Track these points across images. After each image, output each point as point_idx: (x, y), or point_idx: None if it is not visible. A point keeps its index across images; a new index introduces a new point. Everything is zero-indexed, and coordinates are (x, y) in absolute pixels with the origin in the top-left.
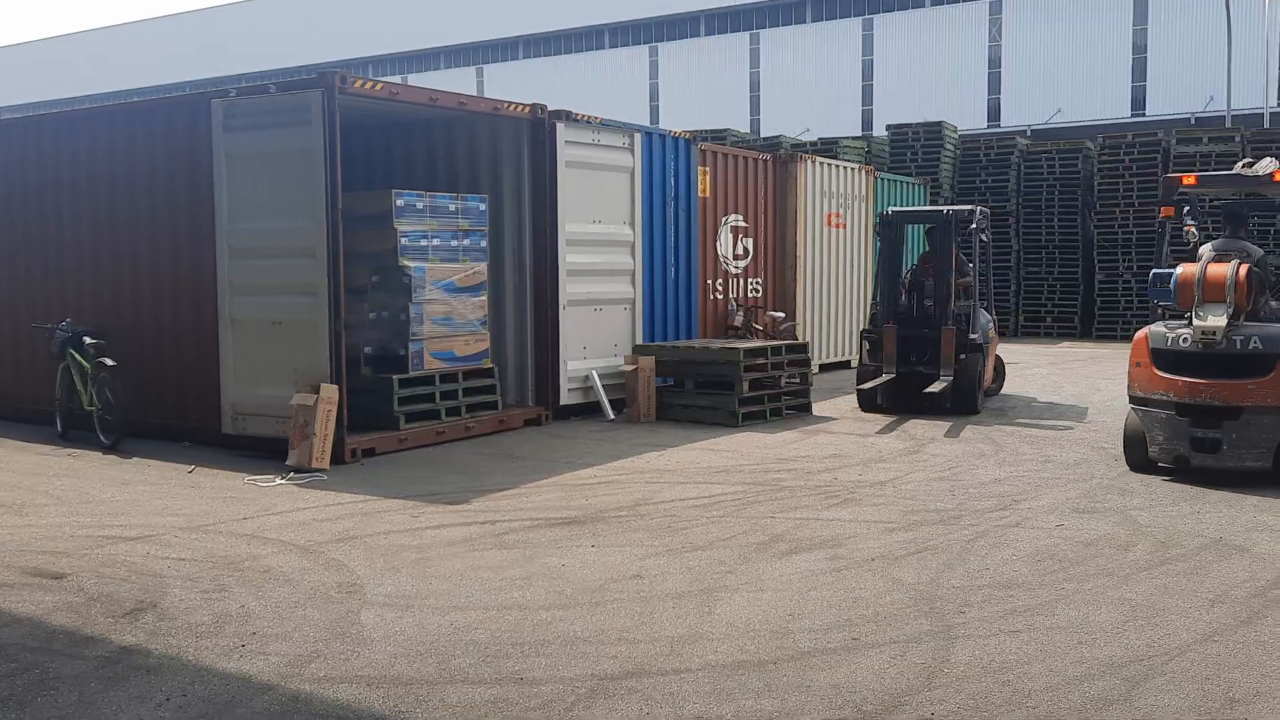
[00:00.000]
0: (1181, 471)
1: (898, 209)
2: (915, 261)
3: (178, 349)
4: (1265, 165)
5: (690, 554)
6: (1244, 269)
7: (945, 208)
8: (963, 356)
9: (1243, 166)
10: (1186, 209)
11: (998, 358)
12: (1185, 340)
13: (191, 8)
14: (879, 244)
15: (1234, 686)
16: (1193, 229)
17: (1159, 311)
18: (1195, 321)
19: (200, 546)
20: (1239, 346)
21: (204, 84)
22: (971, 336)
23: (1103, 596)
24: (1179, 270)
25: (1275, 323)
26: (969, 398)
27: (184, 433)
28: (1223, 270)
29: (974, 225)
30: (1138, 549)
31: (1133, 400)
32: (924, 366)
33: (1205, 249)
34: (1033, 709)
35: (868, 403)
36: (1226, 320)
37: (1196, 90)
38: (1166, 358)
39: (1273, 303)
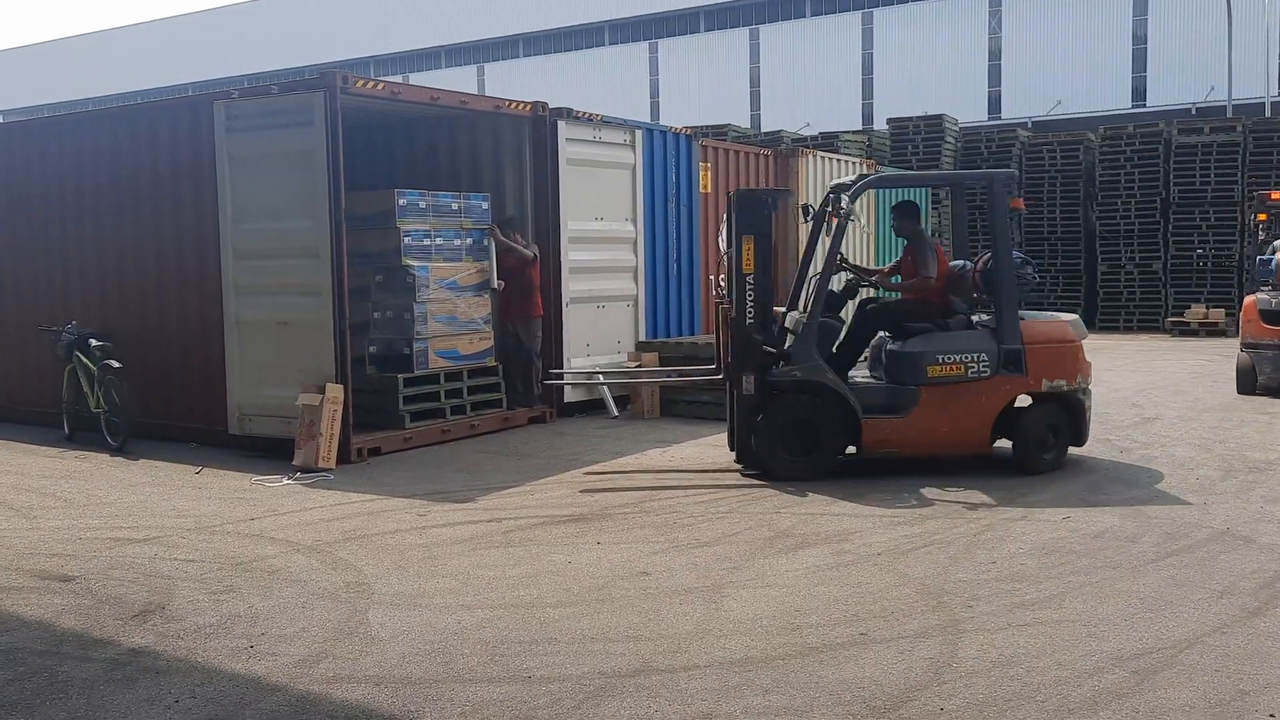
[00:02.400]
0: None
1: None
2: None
3: (183, 350)
4: None
5: (697, 550)
6: None
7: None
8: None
9: None
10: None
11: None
12: None
13: (193, 9)
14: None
15: (1244, 678)
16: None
17: (1260, 285)
18: None
19: (208, 547)
20: None
21: (206, 85)
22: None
23: (1110, 589)
24: (1278, 257)
25: None
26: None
27: (190, 434)
28: None
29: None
30: (1145, 541)
31: (1245, 346)
32: None
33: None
34: (1042, 703)
35: None
36: None
37: (1197, 80)
38: (1270, 315)
39: None
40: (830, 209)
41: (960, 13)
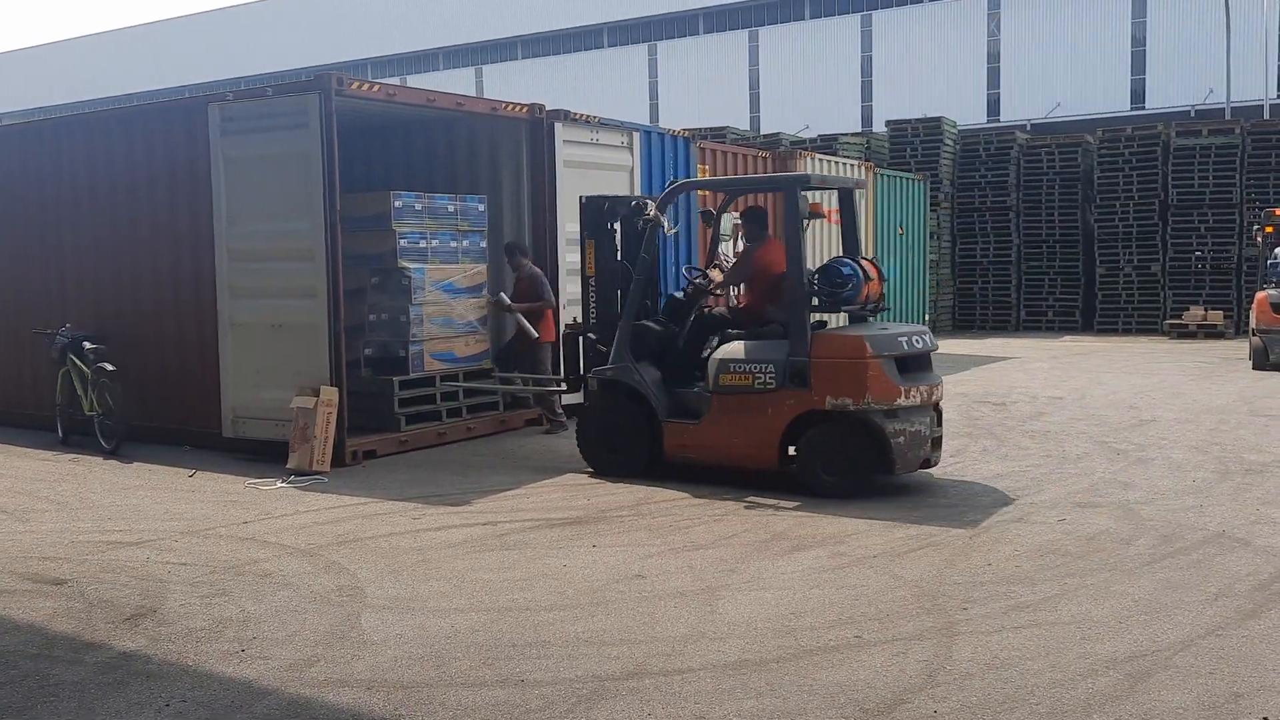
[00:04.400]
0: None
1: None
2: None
3: (178, 353)
4: None
5: (692, 553)
6: None
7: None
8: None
9: None
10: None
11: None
12: None
13: (188, 11)
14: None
15: (1238, 681)
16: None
17: (1270, 283)
18: None
19: (200, 551)
20: None
21: (201, 88)
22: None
23: (1105, 592)
24: None
25: None
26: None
27: (184, 437)
28: None
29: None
30: (1140, 543)
31: (1258, 331)
32: None
33: None
34: (1035, 706)
35: None
36: None
37: (1196, 83)
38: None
39: None
40: (647, 215)
41: (959, 16)
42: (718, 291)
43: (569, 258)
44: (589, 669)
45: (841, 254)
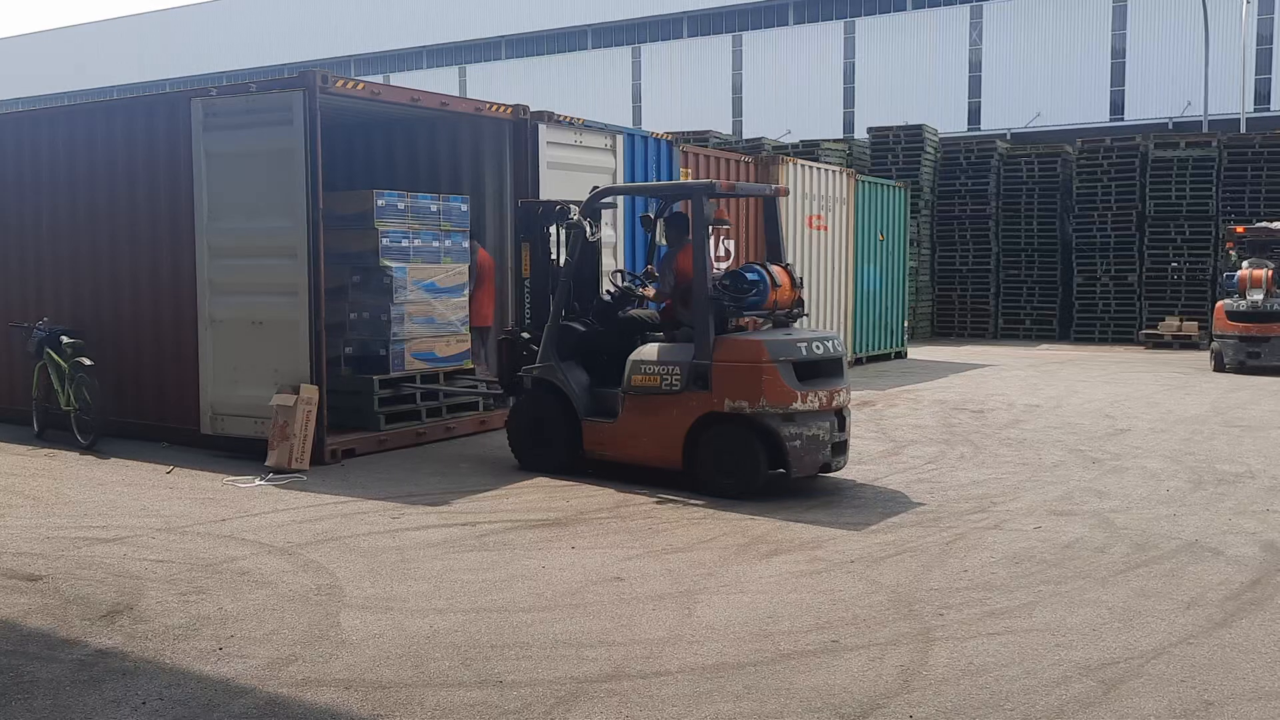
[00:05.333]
0: (1239, 371)
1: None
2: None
3: (157, 349)
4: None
5: (671, 556)
6: (1270, 272)
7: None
8: None
9: (1268, 223)
10: (1237, 243)
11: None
12: (1242, 306)
13: (173, 5)
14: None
15: (1209, 689)
16: (1232, 249)
17: (1227, 294)
18: (1248, 296)
19: (178, 548)
20: (1267, 308)
21: (185, 82)
22: None
23: (1080, 599)
24: (1238, 273)
25: None
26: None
27: (162, 433)
28: (1259, 273)
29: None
30: (1114, 551)
31: (1215, 336)
32: None
33: (1245, 264)
34: (1010, 711)
35: None
36: (1261, 297)
37: (1174, 96)
38: (1232, 315)
39: None
40: (570, 220)
41: (942, 24)
42: (649, 295)
43: (551, 257)
44: (567, 670)
45: (762, 260)
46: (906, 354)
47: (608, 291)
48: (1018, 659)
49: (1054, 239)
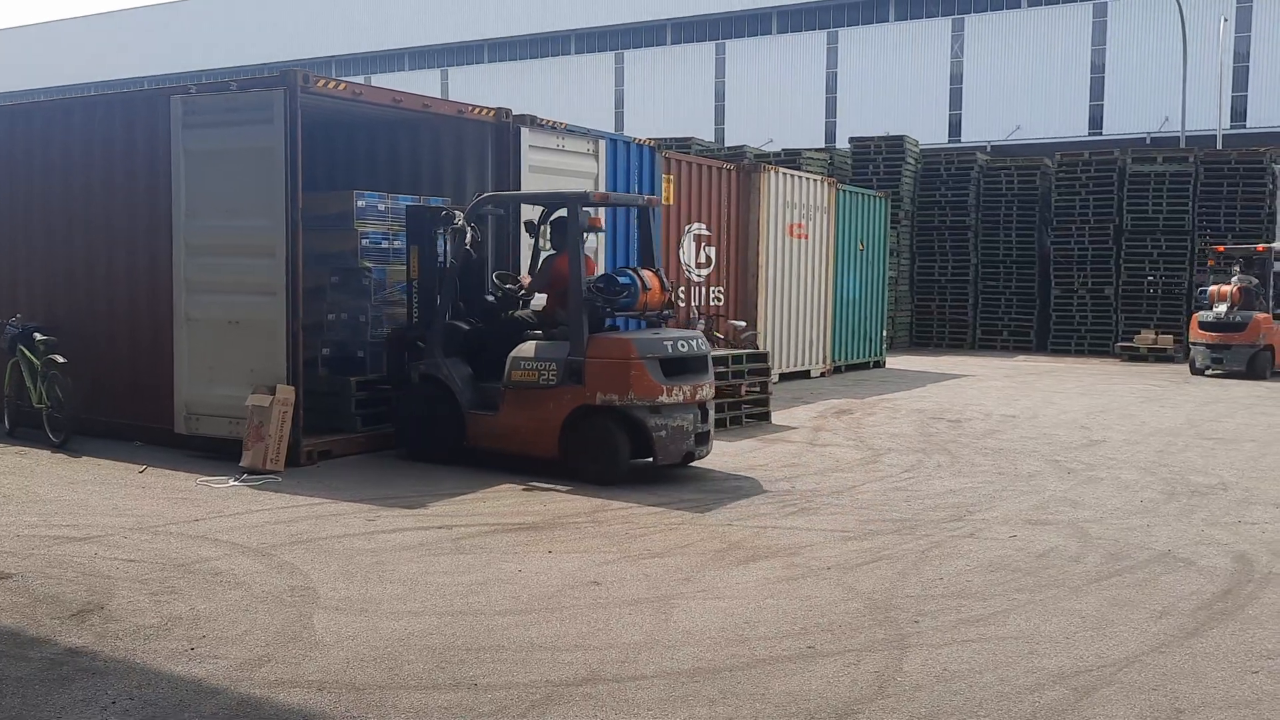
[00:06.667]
0: (1210, 376)
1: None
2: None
3: (131, 347)
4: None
5: (648, 561)
6: (1236, 287)
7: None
8: None
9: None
10: (1219, 260)
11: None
12: (1210, 318)
13: (155, 2)
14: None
15: (1180, 697)
16: (1212, 265)
17: (1201, 306)
18: (1215, 309)
19: (150, 548)
20: (1230, 319)
21: (165, 79)
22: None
23: (1054, 607)
24: (1210, 288)
25: (1252, 312)
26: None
27: (136, 432)
28: (1226, 288)
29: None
30: (1088, 561)
31: (1190, 344)
32: None
33: (1212, 279)
34: (984, 718)
35: None
36: (1226, 309)
37: (1153, 111)
38: (1205, 325)
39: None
40: (455, 225)
41: (924, 36)
42: (526, 296)
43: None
44: (542, 674)
45: (637, 264)
46: (885, 363)
47: (491, 293)
48: (992, 666)
49: (1032, 251)
